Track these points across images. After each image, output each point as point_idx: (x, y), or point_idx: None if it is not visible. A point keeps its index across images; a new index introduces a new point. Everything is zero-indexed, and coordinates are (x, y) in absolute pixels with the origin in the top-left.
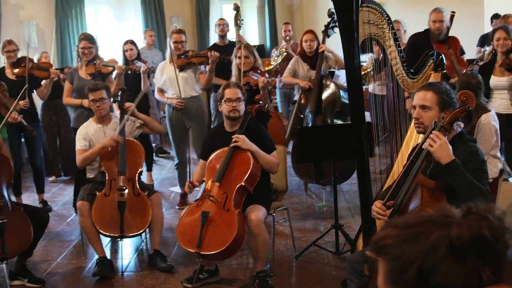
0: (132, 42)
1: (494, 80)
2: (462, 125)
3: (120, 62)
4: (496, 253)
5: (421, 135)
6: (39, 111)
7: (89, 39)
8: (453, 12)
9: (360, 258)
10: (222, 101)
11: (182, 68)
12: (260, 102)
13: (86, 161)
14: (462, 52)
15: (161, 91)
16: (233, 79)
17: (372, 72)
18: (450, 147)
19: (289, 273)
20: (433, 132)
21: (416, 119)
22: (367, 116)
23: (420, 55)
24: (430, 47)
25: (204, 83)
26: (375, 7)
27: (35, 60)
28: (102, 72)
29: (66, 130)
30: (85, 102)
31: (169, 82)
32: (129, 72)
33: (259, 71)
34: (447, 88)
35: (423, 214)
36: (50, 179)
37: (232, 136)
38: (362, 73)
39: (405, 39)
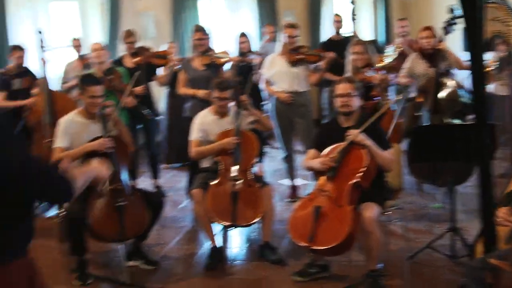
0: (246, 35)
1: None
2: None
3: (234, 54)
4: None
5: None
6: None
7: (203, 31)
8: None
9: (481, 264)
10: (335, 96)
11: (294, 64)
12: (377, 98)
13: (201, 156)
14: None
15: (268, 83)
16: (347, 75)
17: (494, 71)
18: None
19: (400, 274)
20: None
21: None
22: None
23: None
24: None
25: (314, 81)
26: (502, 3)
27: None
28: (216, 63)
29: None
30: (200, 93)
31: (279, 76)
32: (242, 64)
33: (372, 68)
34: None
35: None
36: (162, 166)
37: (348, 133)
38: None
39: None
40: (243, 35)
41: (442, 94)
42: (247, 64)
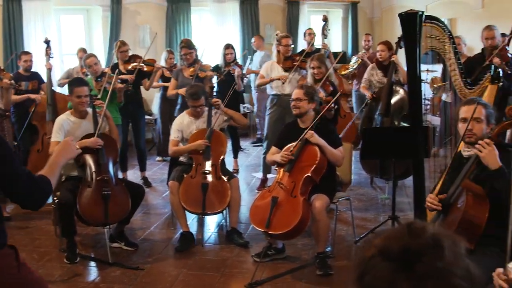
0: (232, 47)
1: None
2: None
3: (220, 61)
4: (420, 270)
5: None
6: (157, 101)
7: (188, 46)
8: None
9: None
10: None
11: (287, 70)
12: (329, 104)
13: (177, 154)
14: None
15: (262, 77)
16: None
17: (446, 84)
18: (498, 153)
19: (347, 256)
20: (484, 139)
21: (470, 130)
22: (437, 121)
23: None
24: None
25: None
26: (438, 23)
27: (163, 59)
28: (198, 75)
29: None
30: (181, 91)
31: (276, 81)
32: (225, 71)
33: (326, 82)
34: (489, 105)
35: (390, 230)
36: (157, 158)
37: (304, 132)
38: (437, 84)
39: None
40: (229, 46)
41: (393, 100)
42: (229, 72)
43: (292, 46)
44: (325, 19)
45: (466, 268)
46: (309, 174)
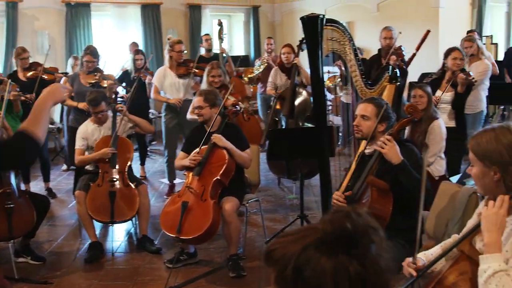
0: (141, 52)
1: (439, 94)
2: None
3: (130, 67)
4: (361, 247)
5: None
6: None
7: (93, 54)
8: (429, 30)
9: None
10: None
11: (181, 76)
12: (236, 106)
13: (83, 163)
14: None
15: (157, 92)
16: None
17: (341, 83)
18: (398, 148)
19: (258, 257)
20: (384, 136)
21: (356, 126)
22: (339, 121)
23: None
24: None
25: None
26: (338, 25)
27: (69, 65)
28: (100, 84)
29: None
30: (81, 105)
31: (171, 86)
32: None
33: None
34: (387, 104)
35: (302, 227)
36: (63, 167)
37: (212, 136)
38: (331, 83)
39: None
40: (138, 52)
41: (296, 101)
42: (140, 78)
43: (185, 52)
44: (220, 24)
45: (387, 244)
46: (218, 177)
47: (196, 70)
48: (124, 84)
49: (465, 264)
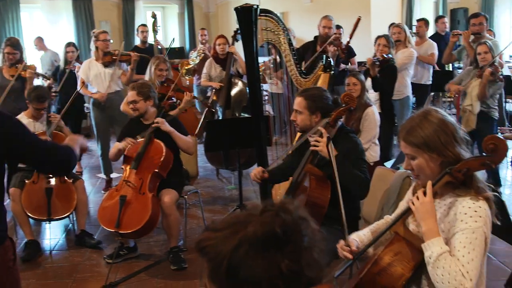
0: (73, 45)
1: (368, 81)
2: (342, 119)
3: (61, 61)
4: (293, 244)
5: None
6: None
7: (14, 46)
8: (359, 16)
9: None
10: None
11: (107, 65)
12: (173, 98)
13: None
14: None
15: (83, 85)
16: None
17: (268, 71)
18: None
19: None
20: (319, 128)
21: (294, 121)
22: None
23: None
24: (316, 50)
25: (125, 81)
26: (272, 16)
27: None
28: (22, 76)
29: None
30: None
31: (96, 77)
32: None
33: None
34: (320, 94)
35: (237, 215)
36: None
37: (155, 120)
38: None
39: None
40: (69, 44)
41: (232, 92)
42: (71, 71)
43: (111, 41)
44: (154, 16)
45: (318, 234)
46: (156, 170)
47: (121, 57)
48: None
49: (400, 245)
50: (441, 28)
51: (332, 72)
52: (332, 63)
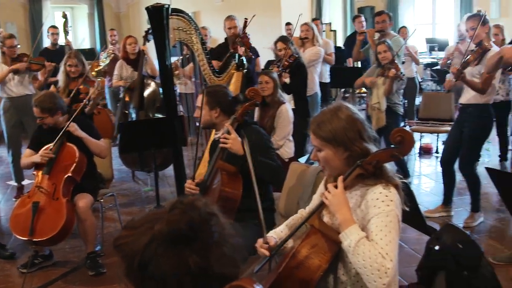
0: None
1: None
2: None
3: None
4: (201, 240)
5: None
6: None
7: None
8: (246, 18)
9: None
10: None
11: (16, 72)
12: (84, 100)
13: None
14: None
15: None
16: (60, 83)
17: (176, 72)
18: (240, 140)
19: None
20: (225, 125)
21: (197, 117)
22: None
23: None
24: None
25: (38, 86)
26: (184, 15)
27: None
28: None
29: None
30: None
31: (4, 82)
32: None
33: (87, 78)
34: (219, 90)
35: (153, 212)
36: None
37: (67, 125)
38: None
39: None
40: None
41: (145, 93)
42: None
43: (19, 46)
44: (64, 16)
45: (230, 229)
46: (70, 174)
47: (31, 65)
48: None
49: (316, 237)
50: (359, 27)
51: (245, 70)
52: (244, 62)
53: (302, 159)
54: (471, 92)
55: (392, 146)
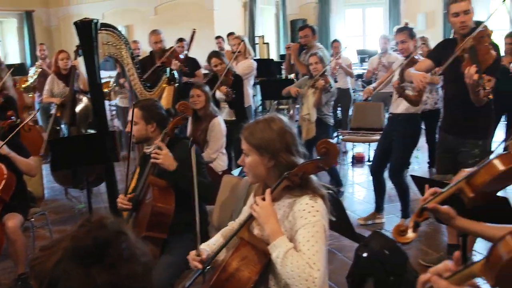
0: None
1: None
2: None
3: None
4: (109, 257)
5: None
6: None
7: None
8: (194, 29)
9: None
10: None
11: None
12: (12, 117)
13: None
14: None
15: None
16: None
17: (116, 88)
18: (171, 155)
19: None
20: (156, 142)
21: (128, 132)
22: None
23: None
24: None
25: None
26: (113, 30)
27: None
28: None
29: None
30: None
31: None
32: None
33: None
34: (153, 104)
35: (66, 232)
36: None
37: None
38: (106, 89)
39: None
40: None
41: (77, 108)
42: None
43: None
44: None
45: (142, 247)
46: None
47: None
48: None
49: (246, 249)
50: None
51: (177, 84)
52: (176, 76)
53: (236, 172)
54: (405, 103)
55: (318, 157)
